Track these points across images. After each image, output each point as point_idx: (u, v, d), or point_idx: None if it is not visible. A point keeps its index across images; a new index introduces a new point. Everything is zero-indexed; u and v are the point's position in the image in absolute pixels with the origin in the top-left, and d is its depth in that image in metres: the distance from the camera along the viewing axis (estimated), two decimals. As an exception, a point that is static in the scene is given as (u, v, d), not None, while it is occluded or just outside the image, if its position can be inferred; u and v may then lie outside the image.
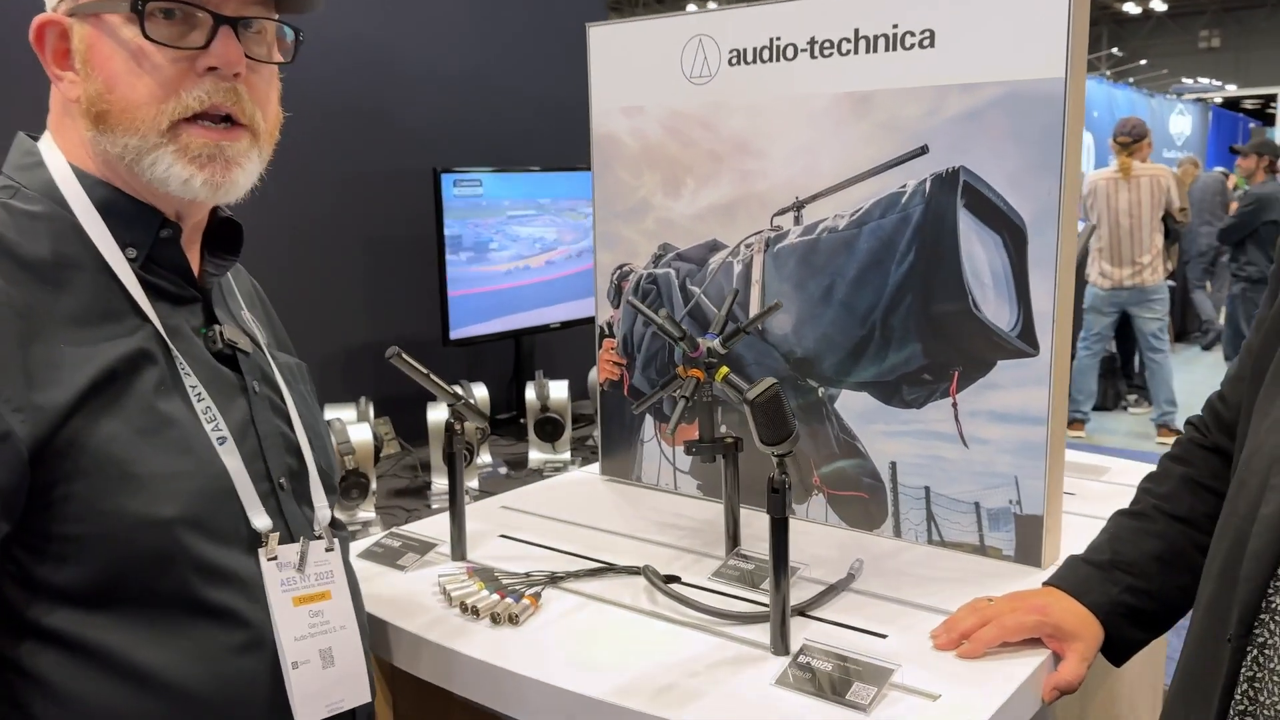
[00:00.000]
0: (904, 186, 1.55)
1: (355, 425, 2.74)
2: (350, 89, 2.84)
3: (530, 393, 3.10)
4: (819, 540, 1.64)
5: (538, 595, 1.39)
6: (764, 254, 1.70)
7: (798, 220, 1.66)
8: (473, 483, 2.92)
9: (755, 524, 1.61)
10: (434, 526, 1.70)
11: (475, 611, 1.35)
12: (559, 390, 2.96)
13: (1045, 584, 1.30)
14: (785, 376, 1.70)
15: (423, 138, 3.03)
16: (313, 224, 2.92)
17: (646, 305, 1.79)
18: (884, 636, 1.29)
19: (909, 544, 1.61)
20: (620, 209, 1.87)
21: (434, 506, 2.78)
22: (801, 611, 1.35)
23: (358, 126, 2.89)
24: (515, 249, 2.95)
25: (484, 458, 3.18)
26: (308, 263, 2.98)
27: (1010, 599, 1.27)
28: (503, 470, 3.08)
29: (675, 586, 1.43)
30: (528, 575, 1.47)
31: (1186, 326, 9.63)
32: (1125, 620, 1.24)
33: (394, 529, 1.66)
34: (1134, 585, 1.24)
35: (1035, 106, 1.43)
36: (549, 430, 3.07)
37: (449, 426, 1.55)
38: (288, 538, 1.11)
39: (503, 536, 1.68)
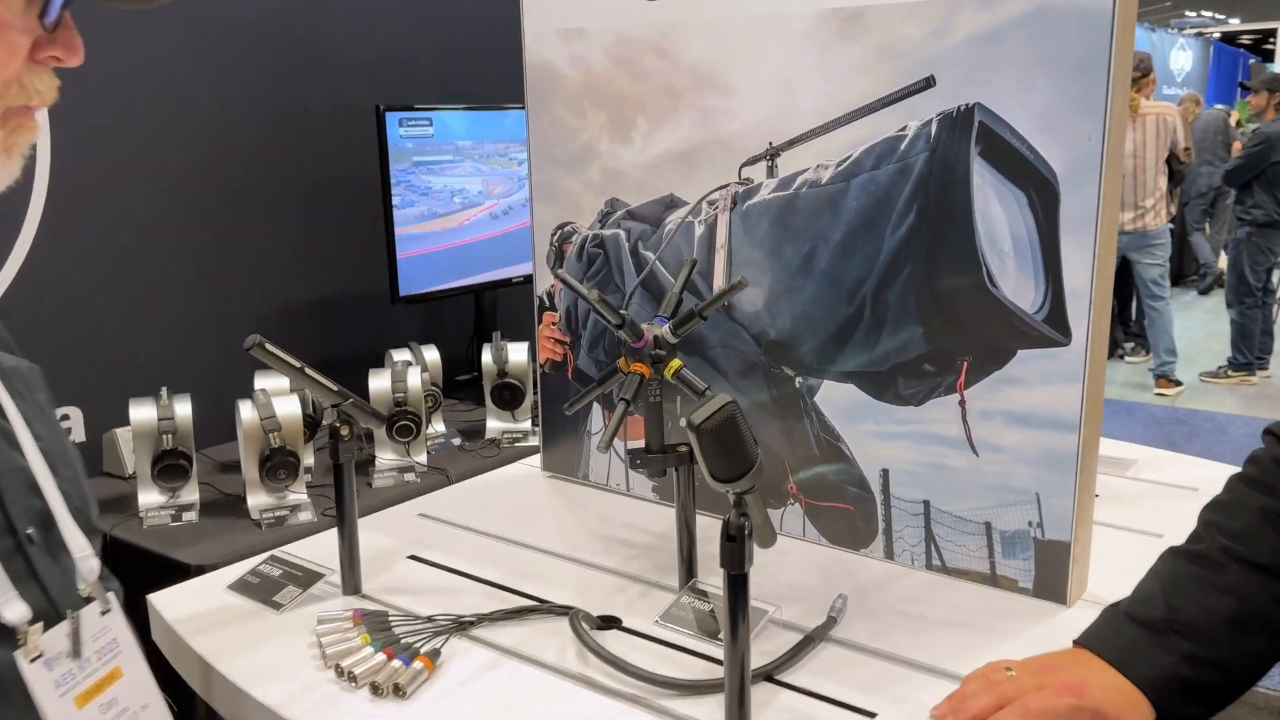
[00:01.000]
0: (904, 129, 1.23)
1: (283, 397, 2.44)
2: (278, 13, 2.49)
3: (486, 356, 2.81)
4: (794, 561, 1.35)
5: (436, 653, 1.10)
6: (730, 213, 1.39)
7: (772, 171, 1.35)
8: (421, 457, 2.64)
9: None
10: (328, 546, 1.40)
11: (352, 678, 1.06)
12: (518, 353, 2.66)
13: (1078, 643, 1.02)
14: (756, 362, 1.40)
15: (365, 71, 2.69)
16: (242, 169, 2.59)
17: (591, 273, 1.48)
18: (873, 716, 1.00)
19: (904, 568, 1.33)
20: (560, 155, 1.55)
21: (375, 484, 2.51)
22: (768, 675, 1.07)
23: (289, 58, 2.55)
24: (426, 205, 2.63)
25: (437, 426, 2.89)
26: (237, 212, 2.67)
27: (1035, 671, 0.99)
28: (456, 441, 2.81)
29: (611, 637, 1.14)
30: (430, 620, 1.17)
31: (1183, 270, 9.35)
32: (1181, 697, 0.96)
33: (277, 551, 1.37)
34: (1195, 654, 0.96)
35: (1073, 27, 1.11)
36: (508, 397, 2.79)
37: (334, 432, 1.24)
38: (51, 613, 0.81)
39: (412, 559, 1.38)
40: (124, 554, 2.22)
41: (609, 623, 1.18)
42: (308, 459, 2.66)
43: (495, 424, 2.80)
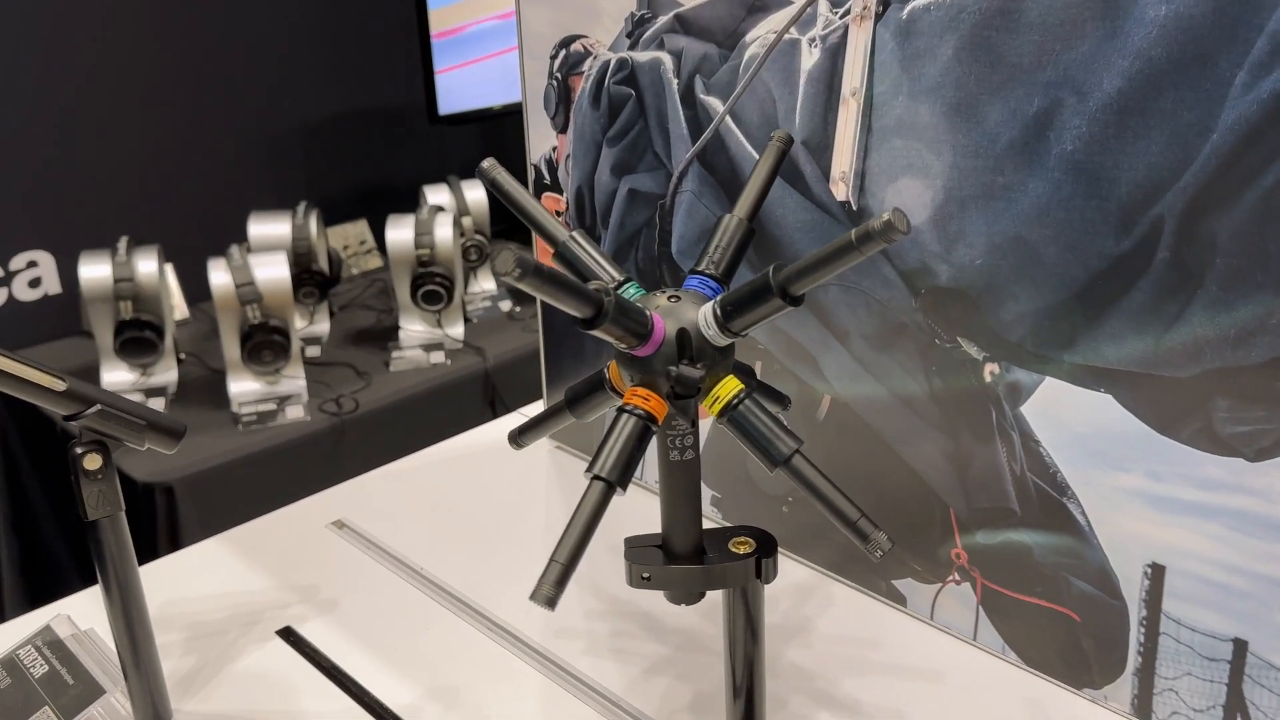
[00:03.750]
0: None
1: (267, 256, 1.88)
2: None
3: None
4: (953, 699, 0.73)
5: None
6: (875, 24, 0.69)
7: (970, -64, 0.63)
8: (456, 329, 2.09)
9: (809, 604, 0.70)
10: (197, 586, 0.83)
11: None
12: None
13: None
14: (907, 324, 0.73)
15: None
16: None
17: (616, 132, 0.82)
18: None
19: (1172, 744, 0.69)
20: (568, -91, 0.85)
21: (394, 367, 1.98)
22: None
23: None
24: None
25: (483, 284, 2.32)
26: (232, 4, 2.06)
27: None
28: (505, 306, 2.24)
29: None
30: (235, 845, 0.61)
31: None
32: None
33: (60, 620, 0.80)
34: None
35: None
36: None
37: (76, 464, 0.65)
38: None
39: (285, 636, 0.81)
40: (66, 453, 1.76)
41: None
42: (320, 324, 2.14)
43: (555, 285, 2.17)
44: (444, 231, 1.99)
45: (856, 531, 0.50)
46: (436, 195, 2.17)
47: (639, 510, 0.74)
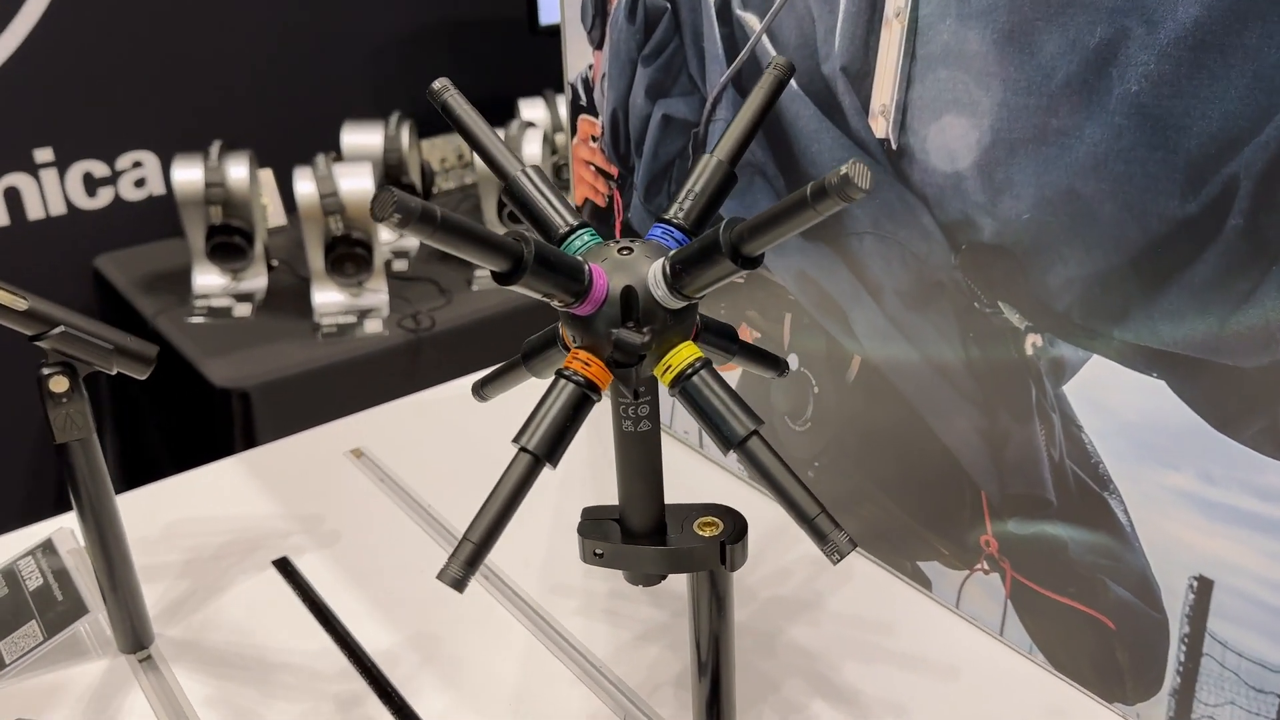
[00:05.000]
0: None
1: (352, 166, 1.87)
2: None
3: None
4: (966, 697, 0.66)
5: None
6: (922, -65, 0.59)
7: None
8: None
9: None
10: (202, 506, 0.82)
11: None
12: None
13: None
14: (944, 283, 0.65)
15: None
16: None
17: (650, 51, 0.75)
18: None
19: (1209, 776, 0.61)
20: None
21: (476, 286, 1.96)
22: None
23: None
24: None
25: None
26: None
27: None
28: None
29: None
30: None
31: None
32: None
33: (59, 534, 0.80)
34: None
35: None
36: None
37: (43, 386, 0.63)
38: None
39: (280, 567, 0.79)
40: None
41: None
42: (410, 238, 2.12)
43: (649, 207, 2.11)
44: (532, 149, 1.94)
45: (814, 529, 0.44)
46: (531, 109, 2.11)
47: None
